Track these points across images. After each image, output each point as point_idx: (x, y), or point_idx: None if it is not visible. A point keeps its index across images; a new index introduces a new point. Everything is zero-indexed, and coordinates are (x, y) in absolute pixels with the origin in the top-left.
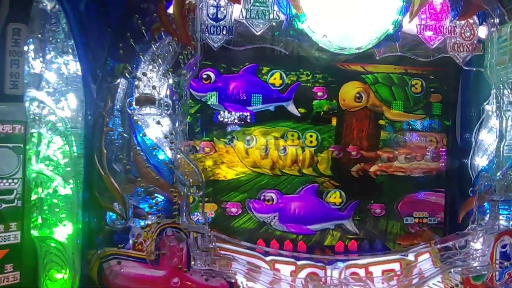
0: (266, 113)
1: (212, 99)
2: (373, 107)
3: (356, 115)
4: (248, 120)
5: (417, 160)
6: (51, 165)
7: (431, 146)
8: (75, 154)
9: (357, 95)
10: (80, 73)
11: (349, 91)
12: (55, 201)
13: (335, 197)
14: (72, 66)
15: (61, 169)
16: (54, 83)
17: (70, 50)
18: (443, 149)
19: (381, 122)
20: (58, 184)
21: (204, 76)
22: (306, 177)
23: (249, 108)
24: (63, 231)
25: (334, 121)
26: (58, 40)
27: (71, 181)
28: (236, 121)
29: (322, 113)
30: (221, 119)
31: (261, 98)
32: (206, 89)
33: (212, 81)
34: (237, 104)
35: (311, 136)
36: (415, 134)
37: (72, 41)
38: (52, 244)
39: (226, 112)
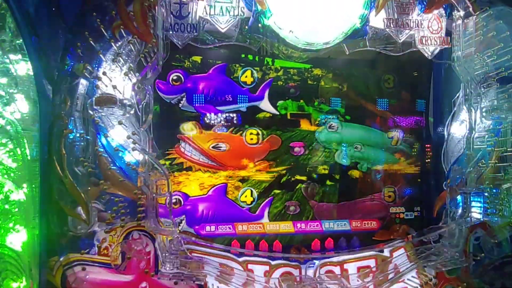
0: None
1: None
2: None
3: None
4: (235, 121)
5: None
6: (0, 169)
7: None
8: (28, 157)
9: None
10: (31, 73)
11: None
12: (7, 207)
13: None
14: (22, 66)
15: (12, 173)
16: (1, 84)
17: (18, 49)
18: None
19: None
20: (10, 189)
21: (174, 78)
22: None
23: (219, 108)
24: (18, 238)
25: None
26: (5, 39)
27: (24, 185)
28: (222, 122)
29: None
30: (207, 121)
31: (231, 98)
32: (175, 91)
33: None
34: (208, 105)
35: None
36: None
37: (21, 40)
38: (6, 252)
39: (212, 114)
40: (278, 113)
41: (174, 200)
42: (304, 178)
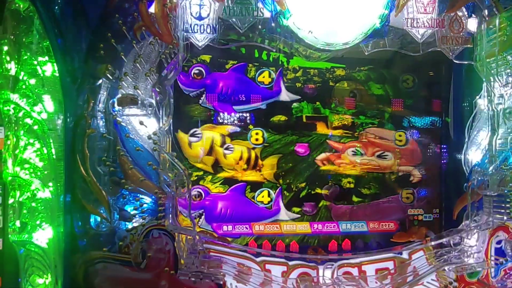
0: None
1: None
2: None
3: None
4: (248, 121)
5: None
6: (28, 168)
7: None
8: (54, 156)
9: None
10: (57, 75)
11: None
12: (33, 204)
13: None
14: (49, 67)
15: (39, 172)
16: (29, 85)
17: (45, 51)
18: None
19: None
20: (37, 188)
21: (196, 72)
22: None
23: (237, 108)
24: (43, 235)
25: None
26: (33, 41)
27: (50, 184)
28: (235, 122)
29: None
30: (220, 121)
31: (250, 97)
32: (195, 85)
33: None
34: (225, 104)
35: None
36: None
37: (48, 42)
38: (32, 249)
39: (225, 113)
40: (299, 97)
41: (195, 193)
42: None
